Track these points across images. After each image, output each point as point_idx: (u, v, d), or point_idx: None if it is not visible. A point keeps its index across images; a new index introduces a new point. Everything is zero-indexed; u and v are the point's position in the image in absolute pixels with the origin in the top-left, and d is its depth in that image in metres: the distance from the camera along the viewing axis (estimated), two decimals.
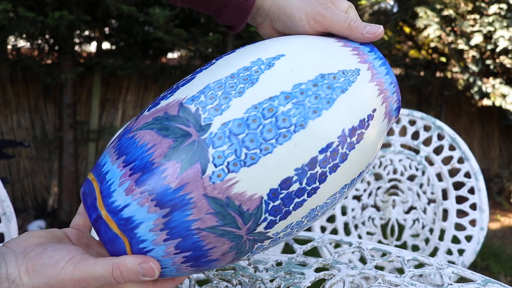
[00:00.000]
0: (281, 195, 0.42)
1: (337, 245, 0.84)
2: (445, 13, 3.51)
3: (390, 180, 1.46)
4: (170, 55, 3.67)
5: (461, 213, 1.39)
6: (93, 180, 0.45)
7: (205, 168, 0.41)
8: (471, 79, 3.63)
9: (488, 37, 3.51)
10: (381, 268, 1.32)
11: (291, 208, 0.43)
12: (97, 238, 0.55)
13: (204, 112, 0.42)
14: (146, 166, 0.42)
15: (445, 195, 1.42)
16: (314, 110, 0.43)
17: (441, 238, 1.40)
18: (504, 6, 3.34)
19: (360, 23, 0.51)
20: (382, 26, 0.51)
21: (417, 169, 1.44)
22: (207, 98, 0.43)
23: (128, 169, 0.42)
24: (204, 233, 0.42)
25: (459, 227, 1.38)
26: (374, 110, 0.47)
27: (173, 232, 0.42)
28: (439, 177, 1.43)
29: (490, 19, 3.37)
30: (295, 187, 0.43)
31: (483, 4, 3.49)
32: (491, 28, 3.38)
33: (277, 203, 0.43)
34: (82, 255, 0.44)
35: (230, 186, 0.41)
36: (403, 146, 1.48)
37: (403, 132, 1.45)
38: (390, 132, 1.47)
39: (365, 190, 1.44)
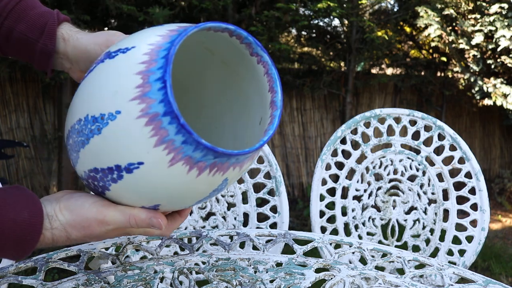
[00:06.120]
0: None
1: (337, 246, 0.83)
2: (446, 12, 3.50)
3: (391, 181, 1.45)
4: None
5: (462, 214, 1.38)
6: None
7: None
8: (472, 79, 3.62)
9: (489, 36, 3.50)
10: (381, 268, 1.32)
11: None
12: None
13: None
14: None
15: (445, 196, 1.41)
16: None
17: (441, 238, 1.40)
18: (505, 5, 3.33)
19: None
20: None
21: (417, 170, 1.43)
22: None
23: None
24: None
25: (460, 227, 1.38)
26: None
27: None
28: (440, 177, 1.42)
29: (491, 18, 3.36)
30: None
31: (484, 4, 3.48)
32: (492, 28, 3.37)
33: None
34: (103, 200, 0.55)
35: None
36: (403, 146, 1.47)
37: (403, 132, 1.44)
38: (391, 132, 1.46)
39: (365, 191, 1.44)
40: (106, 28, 3.16)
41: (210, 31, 0.53)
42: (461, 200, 1.38)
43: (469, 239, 1.36)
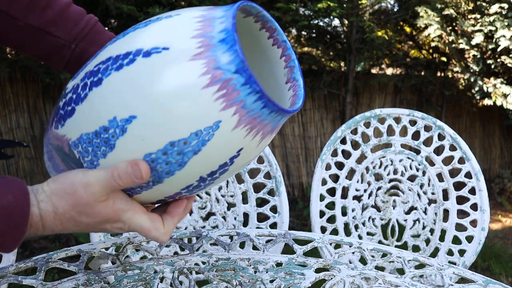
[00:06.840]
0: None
1: (337, 246, 0.83)
2: (446, 12, 3.50)
3: (391, 181, 1.45)
4: None
5: (462, 214, 1.38)
6: None
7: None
8: (472, 79, 3.62)
9: (489, 36, 3.50)
10: (381, 268, 1.32)
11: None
12: None
13: (83, 158, 0.54)
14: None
15: (445, 196, 1.41)
16: (168, 172, 0.50)
17: (441, 238, 1.40)
18: (505, 5, 3.33)
19: None
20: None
21: (417, 170, 1.43)
22: (83, 150, 0.53)
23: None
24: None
25: (460, 227, 1.38)
26: (240, 150, 0.50)
27: None
28: (440, 177, 1.42)
29: (491, 18, 3.36)
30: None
31: (484, 4, 3.48)
32: (492, 28, 3.37)
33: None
34: (88, 169, 0.55)
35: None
36: (403, 146, 1.47)
37: (403, 132, 1.44)
38: (391, 132, 1.46)
39: (365, 191, 1.44)
40: (106, 28, 3.17)
41: (270, 40, 0.57)
42: (461, 200, 1.38)
43: (469, 239, 1.36)
